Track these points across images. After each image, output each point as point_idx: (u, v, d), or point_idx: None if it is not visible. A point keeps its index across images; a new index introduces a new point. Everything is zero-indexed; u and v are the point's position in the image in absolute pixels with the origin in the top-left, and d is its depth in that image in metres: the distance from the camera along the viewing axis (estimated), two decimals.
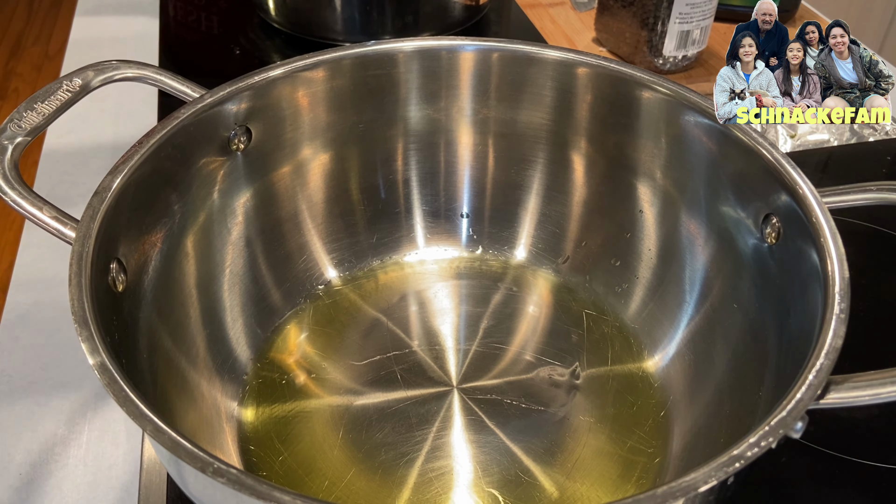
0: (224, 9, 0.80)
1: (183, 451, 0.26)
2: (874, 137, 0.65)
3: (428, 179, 0.50)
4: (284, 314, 0.47)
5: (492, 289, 0.49)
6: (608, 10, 0.70)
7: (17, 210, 0.34)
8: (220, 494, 0.26)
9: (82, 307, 0.30)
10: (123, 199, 0.35)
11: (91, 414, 0.43)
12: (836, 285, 0.31)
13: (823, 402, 0.28)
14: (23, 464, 0.40)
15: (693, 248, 0.44)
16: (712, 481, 0.25)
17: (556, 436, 0.41)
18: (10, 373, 0.45)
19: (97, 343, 0.28)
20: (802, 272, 0.35)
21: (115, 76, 0.41)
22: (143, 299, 0.37)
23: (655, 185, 0.46)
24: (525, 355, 0.45)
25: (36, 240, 0.53)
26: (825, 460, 0.41)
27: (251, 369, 0.44)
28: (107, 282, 0.33)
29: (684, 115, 0.42)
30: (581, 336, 0.46)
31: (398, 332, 0.46)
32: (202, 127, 0.40)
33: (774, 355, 0.36)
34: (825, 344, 0.29)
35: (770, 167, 0.38)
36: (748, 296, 0.40)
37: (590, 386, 0.43)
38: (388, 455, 0.40)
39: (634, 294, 0.47)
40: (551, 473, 0.39)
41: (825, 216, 0.34)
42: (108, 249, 0.34)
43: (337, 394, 0.43)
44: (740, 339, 0.40)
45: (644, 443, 0.40)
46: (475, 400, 0.42)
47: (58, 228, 0.34)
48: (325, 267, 0.49)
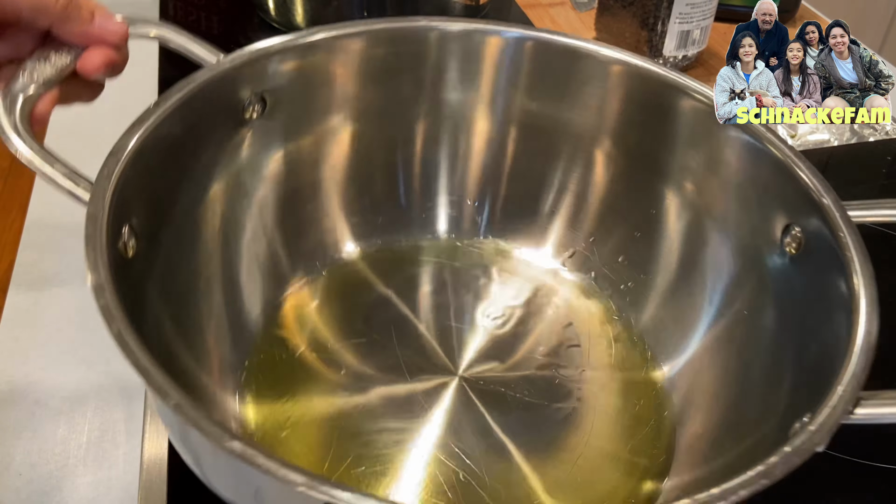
0: (224, 9, 0.80)
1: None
2: (874, 137, 0.65)
3: (448, 163, 0.50)
4: (295, 286, 0.46)
5: (504, 279, 0.49)
6: (608, 10, 0.70)
7: (27, 165, 0.32)
8: (230, 468, 0.26)
9: (98, 272, 0.29)
10: (138, 160, 0.34)
11: (91, 414, 0.43)
12: (863, 302, 0.31)
13: (853, 417, 0.28)
14: (23, 464, 0.40)
15: (713, 258, 0.43)
16: (738, 496, 0.25)
17: (557, 432, 0.41)
18: (11, 373, 0.44)
19: (112, 309, 0.28)
20: (827, 287, 0.35)
21: (133, 32, 0.39)
22: (153, 265, 0.36)
23: (682, 192, 0.45)
24: (532, 349, 0.45)
25: (36, 240, 0.53)
26: (827, 460, 0.41)
27: (256, 342, 0.43)
28: (118, 247, 0.32)
29: (720, 126, 0.40)
30: (590, 334, 0.46)
31: (408, 313, 0.46)
32: (217, 92, 0.39)
33: (791, 367, 0.36)
34: (854, 357, 0.30)
35: (795, 177, 0.37)
36: (768, 309, 0.39)
37: (595, 384, 0.43)
38: (385, 439, 0.39)
39: (649, 298, 0.47)
40: (550, 470, 0.39)
41: (851, 230, 0.34)
42: (121, 213, 0.32)
43: (339, 372, 0.42)
44: (755, 351, 0.40)
45: (647, 445, 0.40)
46: (477, 390, 0.42)
47: (70, 188, 0.32)
48: (340, 242, 0.48)
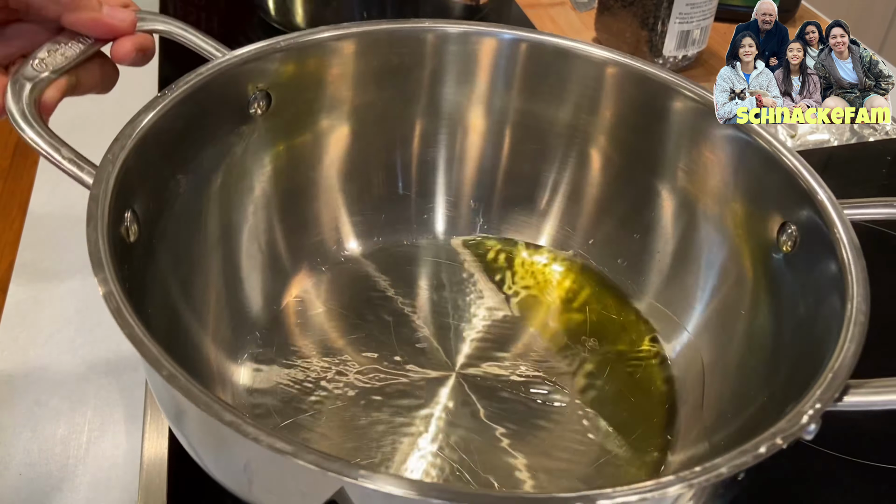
0: (224, 9, 0.80)
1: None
2: (874, 137, 0.65)
3: (444, 163, 0.50)
4: (295, 281, 0.47)
5: (503, 275, 0.49)
6: (608, 10, 0.70)
7: (35, 148, 0.34)
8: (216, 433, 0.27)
9: (98, 250, 0.29)
10: (142, 148, 0.35)
11: (91, 414, 0.43)
12: (856, 297, 0.32)
13: (841, 405, 0.29)
14: (23, 464, 0.40)
15: (707, 253, 0.44)
16: (718, 476, 0.25)
17: (555, 426, 0.41)
18: (11, 373, 0.44)
19: (112, 286, 0.28)
20: (820, 283, 0.35)
21: (141, 27, 0.39)
22: (154, 252, 0.36)
23: (674, 187, 0.45)
24: (530, 346, 0.45)
25: (36, 239, 0.53)
26: (825, 460, 0.41)
27: (256, 335, 0.44)
28: (120, 231, 0.33)
29: (711, 122, 0.41)
30: (587, 329, 0.46)
31: (406, 310, 0.46)
32: (223, 86, 0.40)
33: (785, 360, 0.36)
34: (844, 347, 0.30)
35: (791, 176, 0.37)
36: (762, 303, 0.40)
37: (593, 380, 0.43)
38: (381, 434, 0.39)
39: (645, 292, 0.47)
40: (547, 465, 0.39)
41: (846, 229, 0.34)
42: (124, 198, 0.33)
43: (338, 367, 0.43)
44: (750, 344, 0.40)
45: (644, 440, 0.40)
46: (474, 386, 0.42)
47: (74, 172, 0.33)
48: (340, 240, 0.49)
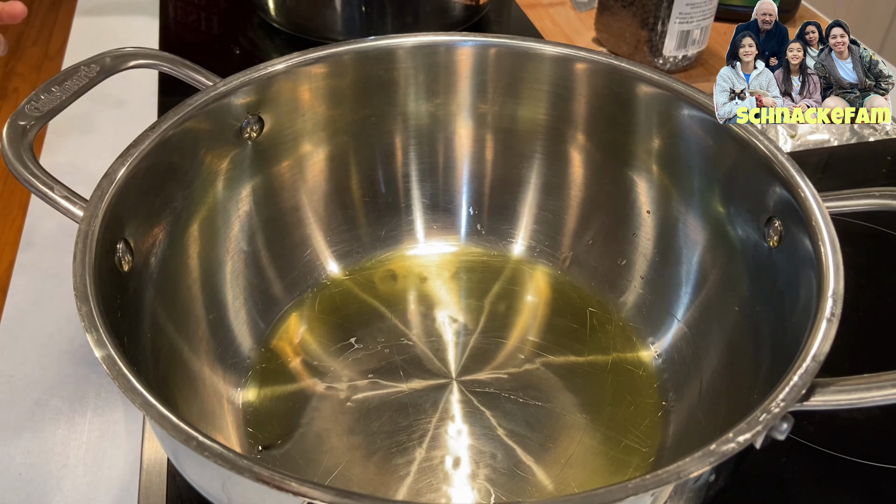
0: (224, 9, 0.80)
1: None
2: (874, 137, 0.65)
3: (427, 174, 0.51)
4: (287, 304, 0.47)
5: (491, 283, 0.49)
6: (608, 10, 0.70)
7: (29, 188, 0.35)
8: (208, 470, 0.27)
9: (84, 284, 0.30)
10: (132, 181, 0.36)
11: (91, 414, 0.43)
12: (830, 289, 0.31)
13: (808, 404, 0.28)
14: (23, 464, 0.40)
15: (691, 245, 0.44)
16: (686, 475, 0.25)
17: (552, 431, 0.41)
18: (11, 373, 0.44)
19: (96, 319, 0.29)
20: (800, 275, 0.35)
21: (130, 63, 0.41)
22: (148, 280, 0.37)
23: (652, 179, 0.46)
24: (523, 349, 0.45)
25: (36, 240, 0.53)
26: (825, 460, 0.41)
27: (253, 357, 0.44)
28: (113, 261, 0.34)
29: (679, 108, 0.42)
30: (579, 331, 0.46)
31: (398, 325, 0.46)
32: (213, 115, 0.41)
33: (769, 357, 0.36)
34: (813, 347, 0.29)
35: (769, 165, 0.38)
36: (746, 296, 0.40)
37: (587, 382, 0.43)
38: (385, 445, 0.40)
39: (632, 290, 0.47)
40: (545, 468, 0.39)
41: (825, 220, 0.34)
42: (115, 230, 0.34)
43: (337, 384, 0.43)
44: (738, 340, 0.40)
45: (639, 442, 0.40)
46: (473, 393, 0.42)
47: (67, 207, 0.35)
48: (328, 259, 0.49)
